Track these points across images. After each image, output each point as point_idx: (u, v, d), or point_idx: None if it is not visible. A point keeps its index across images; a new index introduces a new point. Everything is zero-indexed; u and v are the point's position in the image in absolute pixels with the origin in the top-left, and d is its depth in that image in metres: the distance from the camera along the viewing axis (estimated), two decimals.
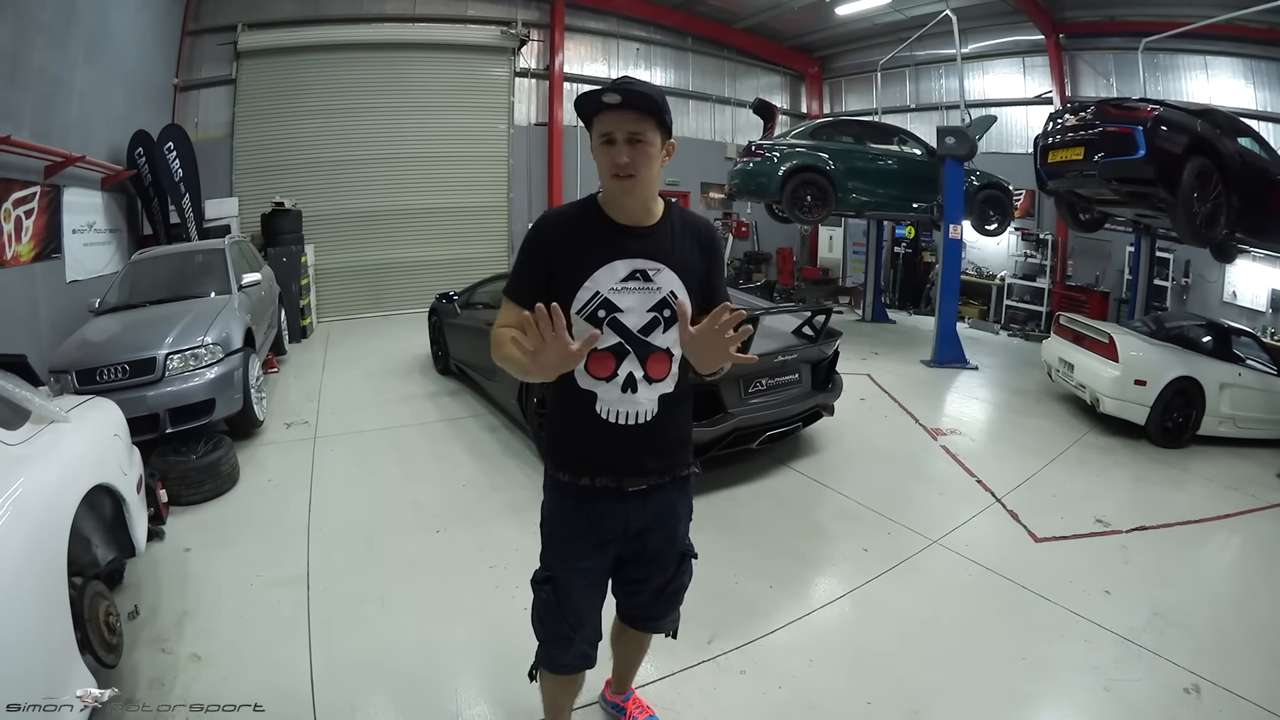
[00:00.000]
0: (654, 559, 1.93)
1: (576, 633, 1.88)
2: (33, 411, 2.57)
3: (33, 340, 5.45)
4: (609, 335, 1.68)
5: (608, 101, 1.58)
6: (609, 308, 1.68)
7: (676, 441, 1.86)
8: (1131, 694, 2.66)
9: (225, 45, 9.87)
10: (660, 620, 2.10)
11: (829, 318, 4.85)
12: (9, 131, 5.25)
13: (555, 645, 1.93)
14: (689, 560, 2.03)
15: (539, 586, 1.89)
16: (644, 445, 1.77)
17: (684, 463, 1.91)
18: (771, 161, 8.64)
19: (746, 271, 13.70)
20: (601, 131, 1.62)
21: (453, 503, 4.26)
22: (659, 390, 1.76)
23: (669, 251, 1.73)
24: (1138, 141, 5.77)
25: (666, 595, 2.02)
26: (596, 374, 1.71)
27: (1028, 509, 4.32)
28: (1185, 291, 9.83)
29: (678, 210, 1.82)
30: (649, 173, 1.65)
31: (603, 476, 1.78)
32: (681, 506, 1.95)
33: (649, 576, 1.96)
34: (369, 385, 6.88)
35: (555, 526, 1.88)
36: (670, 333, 1.72)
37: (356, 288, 10.93)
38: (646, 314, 1.70)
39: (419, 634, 2.94)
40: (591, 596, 1.90)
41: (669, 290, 1.71)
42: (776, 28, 13.68)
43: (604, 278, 1.67)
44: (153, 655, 2.75)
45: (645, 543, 1.89)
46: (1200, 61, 9.48)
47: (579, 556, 1.85)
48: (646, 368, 1.73)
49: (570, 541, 1.85)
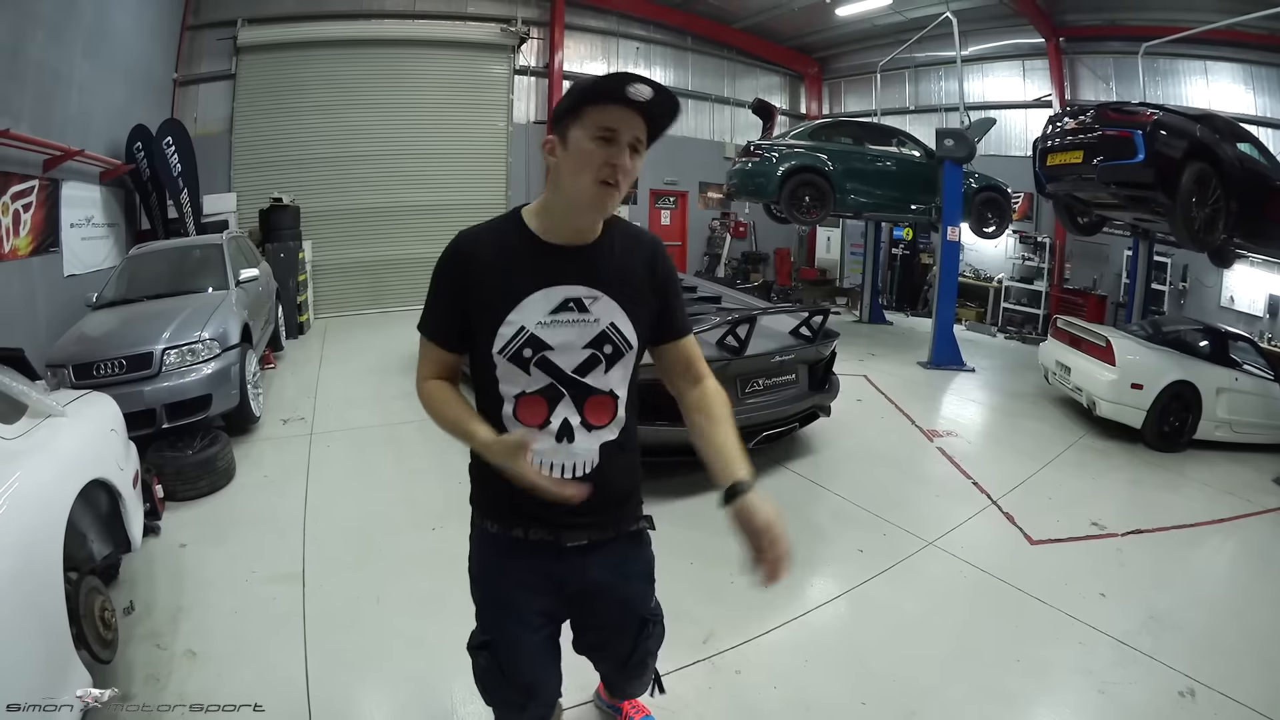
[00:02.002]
0: (605, 626, 1.72)
1: (530, 698, 1.64)
2: (29, 406, 2.57)
3: (30, 334, 5.44)
4: (539, 377, 1.44)
5: (633, 96, 1.30)
6: (536, 345, 1.42)
7: (623, 494, 1.61)
8: (1126, 697, 2.66)
9: (225, 40, 9.86)
10: (628, 687, 1.95)
11: (826, 318, 4.86)
12: (8, 125, 5.23)
13: (507, 711, 1.69)
14: (653, 625, 1.77)
15: (476, 653, 1.65)
16: (583, 499, 1.47)
17: (633, 516, 1.66)
18: (770, 162, 8.65)
19: (744, 272, 13.71)
20: (605, 124, 1.33)
21: (449, 500, 4.22)
22: (600, 438, 1.51)
23: (608, 274, 1.46)
24: (1137, 146, 5.77)
25: (631, 665, 1.79)
26: (526, 421, 1.46)
27: (1023, 511, 4.32)
28: (1183, 296, 9.85)
29: (619, 224, 1.54)
30: (626, 189, 1.41)
31: (536, 529, 1.53)
32: (634, 566, 1.70)
33: (605, 643, 1.77)
34: (366, 382, 6.86)
35: (485, 584, 1.64)
36: (613, 372, 1.49)
37: (354, 284, 10.92)
38: (582, 351, 1.45)
39: (415, 631, 2.93)
40: (540, 659, 1.63)
41: (608, 322, 1.46)
42: (776, 28, 13.69)
43: (530, 310, 1.41)
44: (148, 651, 2.74)
45: (592, 609, 1.66)
46: (1200, 66, 9.49)
47: (516, 618, 1.59)
48: (584, 413, 1.48)
49: (504, 601, 1.60)
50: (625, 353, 1.49)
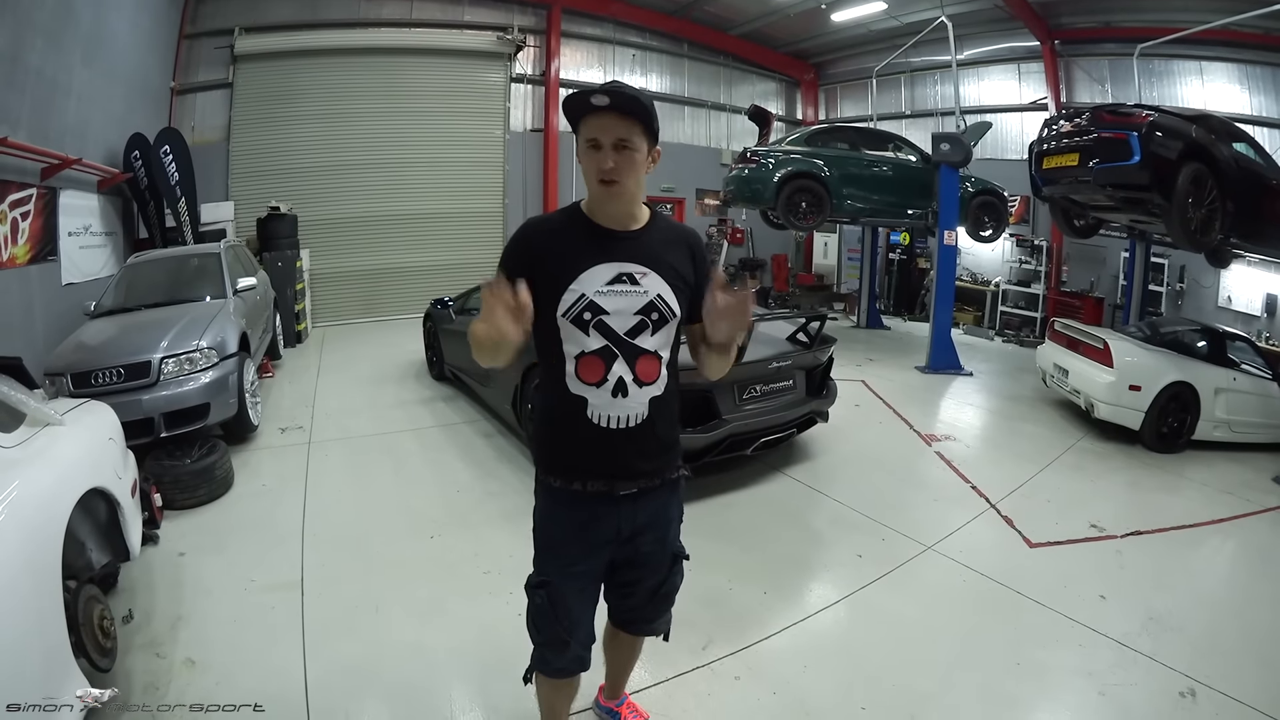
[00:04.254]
0: (646, 562, 1.93)
1: (572, 636, 1.88)
2: (27, 414, 2.57)
3: (28, 343, 5.43)
4: (595, 338, 1.69)
5: (595, 104, 1.58)
6: (595, 310, 1.68)
7: (667, 443, 1.85)
8: (1126, 698, 2.66)
9: (222, 49, 9.87)
10: (653, 622, 2.10)
11: (823, 324, 4.87)
12: (6, 133, 5.23)
13: (550, 649, 1.92)
14: (680, 562, 2.03)
15: (533, 591, 1.89)
16: (635, 448, 1.77)
17: (674, 465, 1.91)
18: (767, 168, 8.66)
19: (741, 278, 13.70)
20: (588, 136, 1.62)
21: (447, 508, 4.25)
22: (649, 393, 1.75)
23: (656, 256, 1.74)
24: (1132, 147, 5.79)
25: (659, 597, 2.02)
26: (587, 379, 1.71)
27: (1022, 515, 4.33)
28: (1180, 297, 9.87)
29: (663, 218, 1.84)
30: (634, 179, 1.65)
31: (594, 481, 1.78)
32: (673, 509, 1.95)
33: (642, 579, 1.96)
34: (364, 390, 6.86)
35: (547, 531, 1.88)
36: (658, 335, 1.74)
37: (351, 293, 10.91)
38: (633, 317, 1.70)
39: (413, 639, 2.93)
40: (585, 600, 1.91)
41: (655, 294, 1.72)
42: (772, 34, 13.75)
43: (589, 280, 1.67)
44: (147, 660, 2.74)
45: (637, 546, 1.88)
46: (1195, 67, 9.53)
47: (572, 561, 1.84)
48: (636, 371, 1.72)
49: (563, 546, 1.85)
50: (670, 320, 1.75)
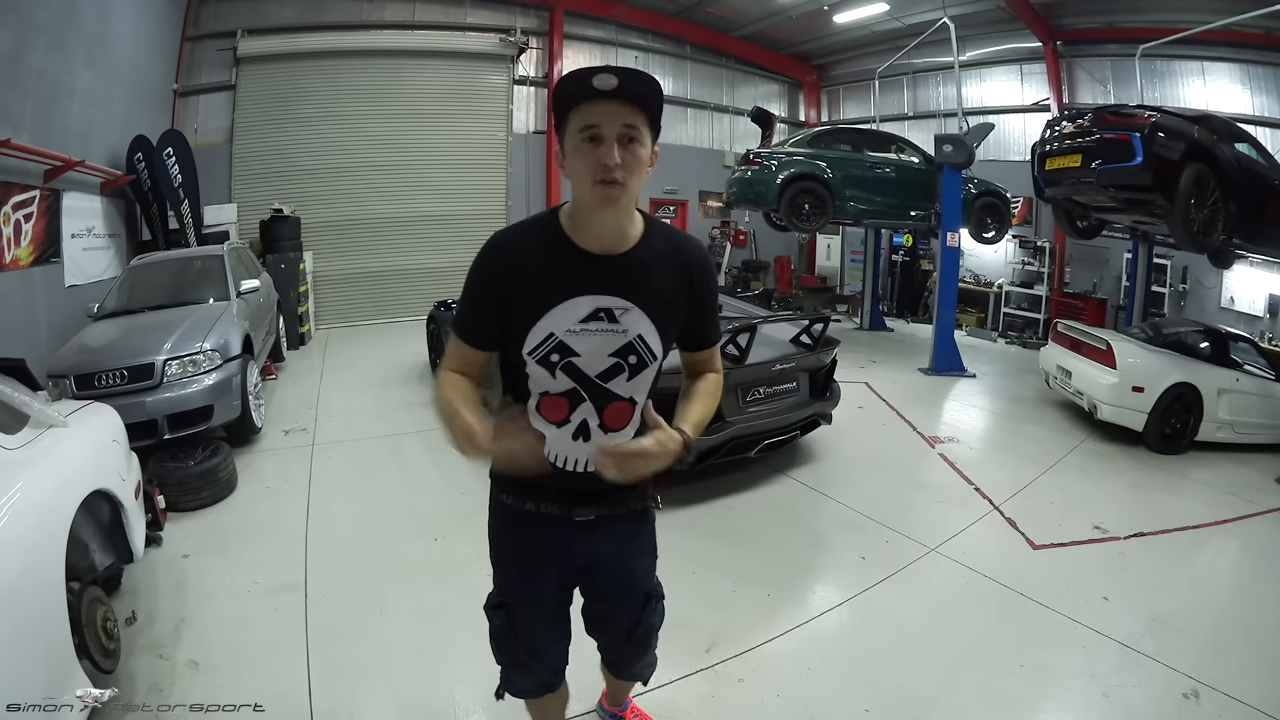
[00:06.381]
0: (608, 598, 1.79)
1: (535, 660, 1.77)
2: (31, 416, 2.57)
3: (31, 344, 5.44)
4: (563, 380, 1.48)
5: (600, 87, 1.27)
6: (564, 351, 1.45)
7: (631, 483, 1.58)
8: (1130, 700, 2.65)
9: (225, 51, 9.91)
10: (631, 666, 1.97)
11: (827, 326, 4.86)
12: (9, 135, 5.26)
13: (514, 670, 1.81)
14: (656, 601, 1.85)
15: (492, 612, 1.76)
16: (596, 480, 1.48)
17: (640, 495, 1.71)
18: (769, 170, 8.66)
19: (744, 280, 13.71)
20: (585, 124, 1.31)
21: (451, 510, 4.24)
22: (615, 440, 1.53)
23: (642, 287, 1.46)
24: (1135, 148, 5.78)
25: (635, 640, 1.85)
26: (548, 418, 1.53)
27: (1026, 516, 4.32)
28: (1183, 297, 9.85)
29: (661, 230, 1.54)
30: (638, 181, 1.37)
31: (548, 503, 1.62)
32: (638, 543, 1.78)
33: (611, 615, 1.82)
34: (367, 392, 6.87)
35: (500, 551, 1.75)
36: (635, 380, 1.52)
37: (355, 295, 10.93)
38: (608, 359, 1.47)
39: (417, 642, 2.93)
40: (548, 626, 1.76)
41: (636, 334, 1.47)
42: (775, 36, 13.76)
43: (560, 317, 1.43)
44: (150, 661, 2.74)
45: (598, 581, 1.75)
46: (1197, 67, 9.52)
47: (529, 582, 1.70)
48: (603, 416, 1.52)
49: (516, 566, 1.72)
50: (649, 364, 1.52)
